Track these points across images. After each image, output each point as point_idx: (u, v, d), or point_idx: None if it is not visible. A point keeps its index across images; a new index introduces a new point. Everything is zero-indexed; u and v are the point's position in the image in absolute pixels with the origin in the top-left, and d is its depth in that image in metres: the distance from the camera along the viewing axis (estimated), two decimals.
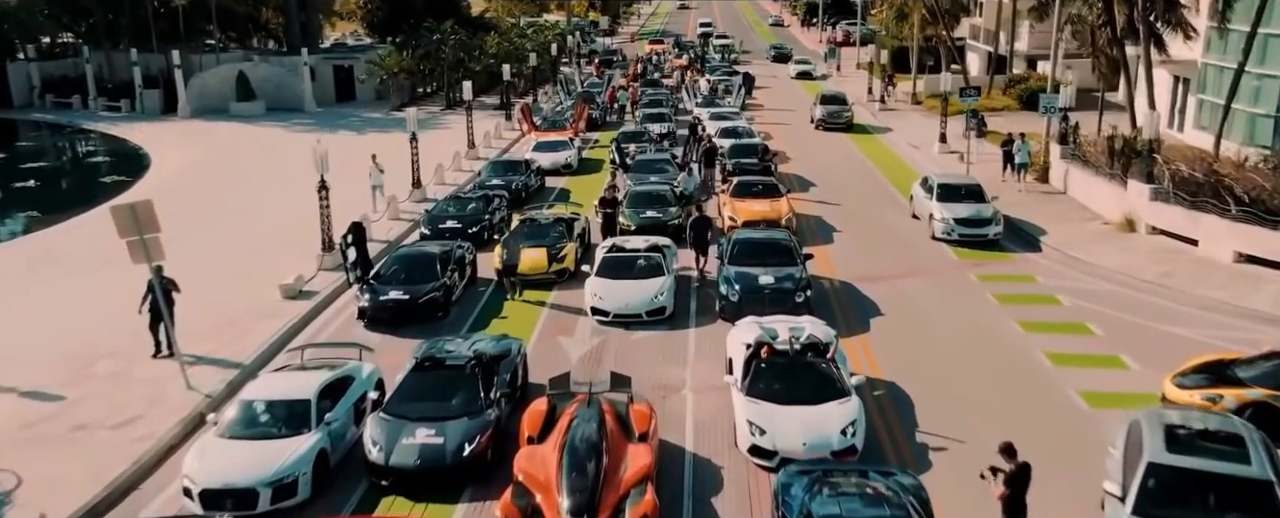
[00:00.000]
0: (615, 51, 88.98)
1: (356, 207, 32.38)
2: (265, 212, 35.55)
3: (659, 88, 64.11)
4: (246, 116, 59.42)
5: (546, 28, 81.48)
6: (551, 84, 72.24)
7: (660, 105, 54.84)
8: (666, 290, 23.68)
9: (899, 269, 27.13)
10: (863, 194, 36.53)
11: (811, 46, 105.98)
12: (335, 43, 76.57)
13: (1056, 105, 36.64)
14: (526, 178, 36.96)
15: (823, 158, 43.94)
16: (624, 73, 73.72)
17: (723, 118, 49.50)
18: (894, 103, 60.11)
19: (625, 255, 25.15)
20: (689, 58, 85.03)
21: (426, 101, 66.10)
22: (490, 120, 54.85)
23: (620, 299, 23.41)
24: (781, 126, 52.82)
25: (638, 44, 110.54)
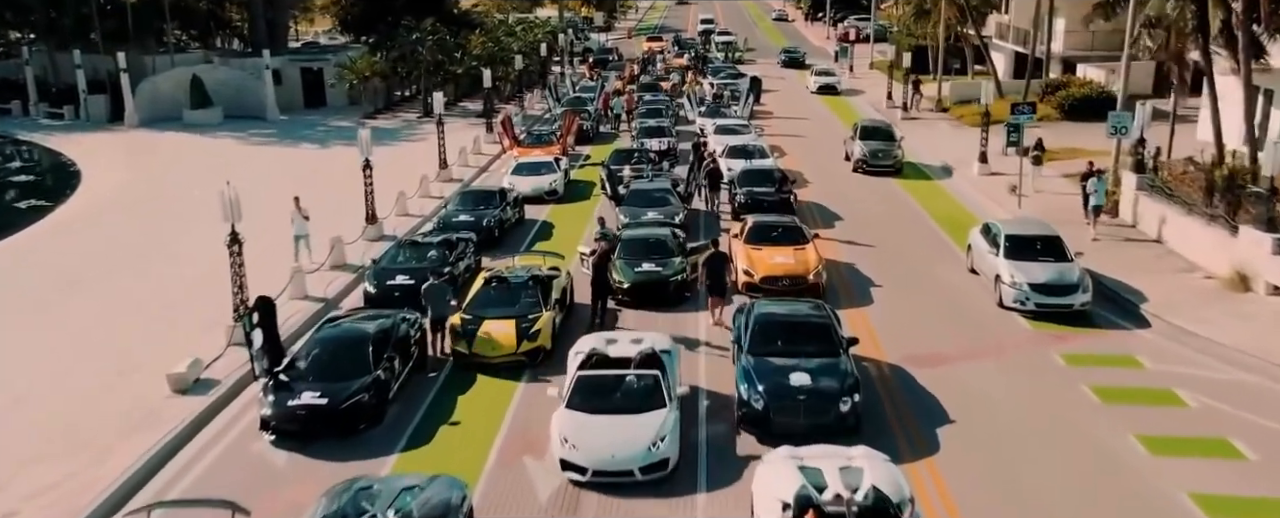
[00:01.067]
0: (610, 50, 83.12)
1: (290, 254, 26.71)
2: (188, 251, 29.70)
3: (657, 93, 58.33)
4: (201, 126, 53.59)
5: (536, 25, 75.73)
6: (541, 87, 66.35)
7: (659, 115, 49.04)
8: (669, 433, 16.22)
9: (960, 346, 21.39)
10: (900, 233, 30.73)
11: (817, 43, 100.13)
12: (306, 42, 70.78)
13: (1130, 125, 30.88)
14: (501, 211, 31.11)
15: (846, 182, 38.18)
16: (619, 75, 67.85)
17: (729, 131, 43.72)
18: (919, 110, 54.28)
19: (607, 376, 17.57)
20: (690, 57, 79.23)
21: (404, 107, 60.31)
22: (470, 132, 49.06)
23: (601, 448, 15.94)
24: (795, 139, 47.13)
25: (635, 40, 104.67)
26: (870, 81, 69.63)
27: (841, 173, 39.70)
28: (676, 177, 34.25)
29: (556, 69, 78.00)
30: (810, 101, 60.17)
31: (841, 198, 35.27)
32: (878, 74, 73.66)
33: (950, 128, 49.85)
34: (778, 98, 60.39)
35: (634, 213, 29.99)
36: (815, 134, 49.10)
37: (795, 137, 48.20)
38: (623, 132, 51.10)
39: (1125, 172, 30.27)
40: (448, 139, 44.64)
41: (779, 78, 70.44)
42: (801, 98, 62.18)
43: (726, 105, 51.79)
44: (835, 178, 38.83)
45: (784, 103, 59.39)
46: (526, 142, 43.13)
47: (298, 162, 45.08)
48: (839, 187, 37.28)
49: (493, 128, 46.32)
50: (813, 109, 57.39)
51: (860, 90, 64.80)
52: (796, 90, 65.04)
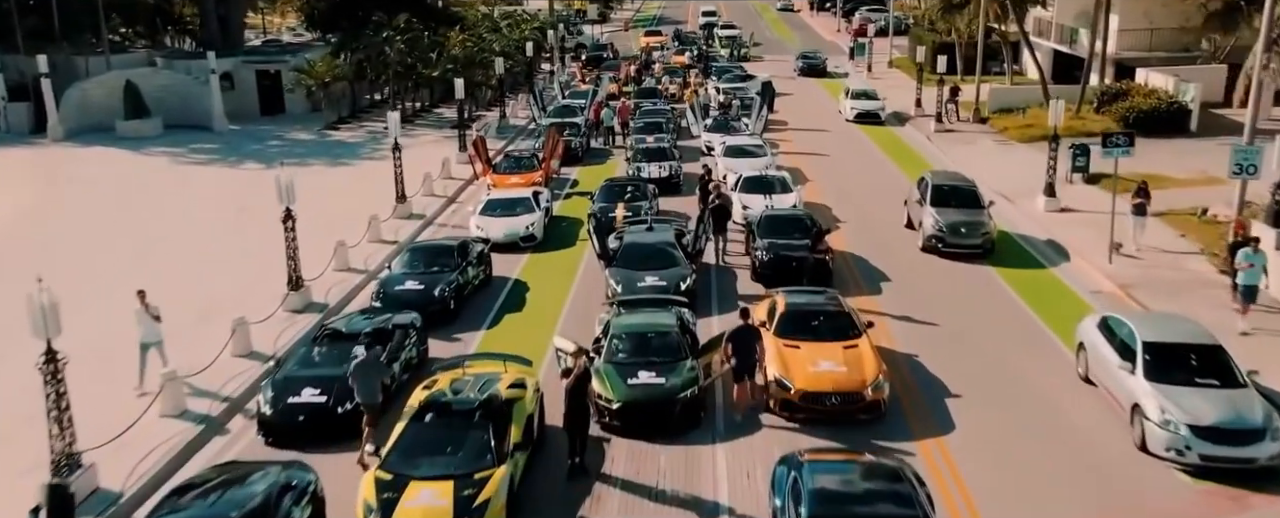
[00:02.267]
0: (605, 47, 76.33)
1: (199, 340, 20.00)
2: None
3: (656, 101, 51.62)
4: (136, 139, 46.95)
5: (523, 21, 69.03)
6: (526, 91, 59.65)
7: (659, 130, 42.39)
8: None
9: (1089, 515, 14.89)
10: (967, 304, 23.97)
11: (828, 36, 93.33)
12: (267, 40, 64.10)
13: (1258, 161, 24.28)
14: (460, 272, 24.46)
15: (876, 220, 31.68)
16: (615, 77, 61.12)
17: (742, 152, 37.15)
18: (956, 121, 47.65)
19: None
20: (692, 55, 72.46)
21: (374, 114, 53.60)
22: (441, 150, 42.47)
23: None
24: (818, 160, 40.56)
25: (632, 33, 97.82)
26: (892, 83, 62.94)
27: (870, 207, 33.18)
28: (681, 225, 27.57)
29: (547, 67, 71.41)
30: (835, 115, 53.55)
31: (871, 238, 28.81)
32: (900, 74, 67.04)
33: (994, 144, 43.20)
34: (788, 101, 53.71)
35: (628, 279, 23.47)
36: (841, 151, 42.48)
37: (817, 155, 41.61)
38: (616, 148, 44.50)
39: (1261, 225, 23.60)
40: (416, 159, 38.56)
41: (797, 90, 61.91)
42: (825, 113, 55.50)
43: (736, 118, 45.12)
44: (861, 213, 32.30)
45: (798, 107, 52.73)
46: (503, 166, 36.50)
47: (234, 186, 38.49)
48: (866, 222, 30.77)
49: (466, 146, 39.62)
50: (836, 121, 50.78)
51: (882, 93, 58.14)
52: (820, 106, 57.88)
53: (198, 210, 34.88)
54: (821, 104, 55.16)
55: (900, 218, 30.85)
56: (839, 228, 30.39)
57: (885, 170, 39.13)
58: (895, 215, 31.65)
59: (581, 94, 53.95)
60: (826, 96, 57.99)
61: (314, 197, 35.50)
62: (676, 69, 64.84)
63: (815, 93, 59.89)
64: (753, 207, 29.96)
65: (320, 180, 38.70)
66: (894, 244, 28.79)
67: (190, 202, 36.29)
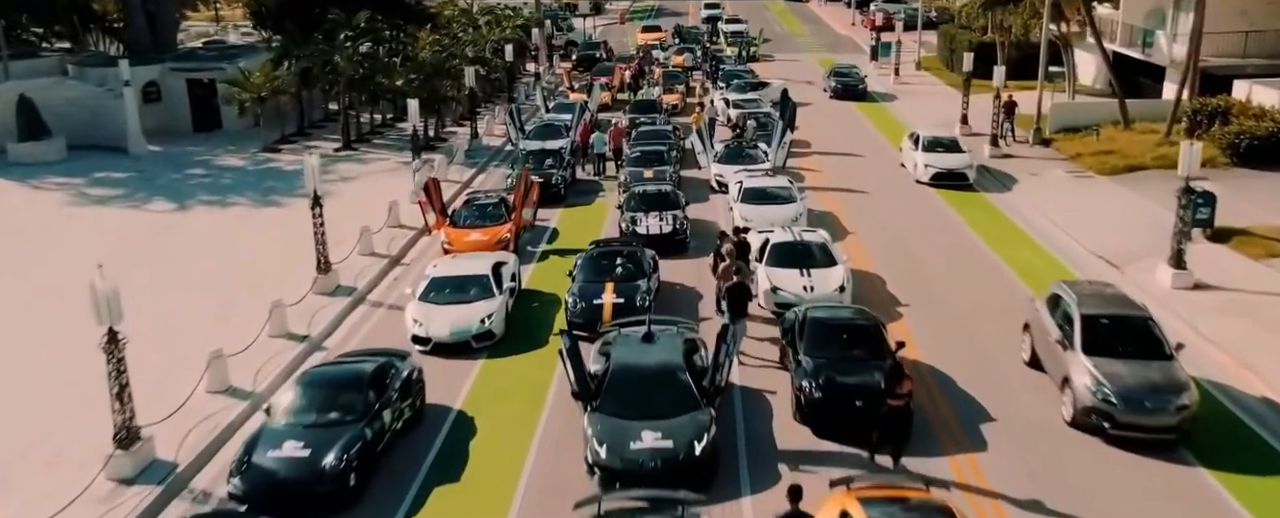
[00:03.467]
0: (598, 45, 68.22)
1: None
2: None
3: (655, 119, 43.70)
4: (30, 165, 39.13)
5: (505, 18, 60.96)
6: (507, 100, 51.78)
7: (660, 162, 34.53)
8: None
9: None
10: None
11: (841, 30, 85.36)
12: (208, 41, 56.08)
13: None
14: (371, 424, 16.38)
15: (951, 305, 23.96)
16: (607, 84, 53.10)
17: (764, 197, 29.47)
18: (1011, 143, 39.78)
19: None
20: (695, 56, 64.44)
21: (327, 130, 45.70)
22: (397, 184, 34.70)
23: None
24: (852, 199, 32.79)
25: (628, 26, 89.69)
26: (924, 90, 55.11)
27: (952, 281, 25.47)
28: (692, 331, 19.71)
29: (533, 67, 63.39)
30: (866, 133, 45.68)
31: (974, 360, 20.99)
32: (931, 78, 59.17)
33: (1067, 177, 35.33)
34: (815, 121, 45.82)
35: (615, 437, 15.76)
36: (882, 185, 34.62)
37: (853, 193, 33.80)
38: (607, 178, 36.68)
39: None
40: (362, 196, 31.26)
41: (825, 104, 51.71)
42: (858, 133, 47.72)
43: (751, 142, 37.23)
44: (943, 293, 24.56)
45: (825, 126, 44.91)
46: (463, 217, 28.68)
47: (124, 234, 30.70)
48: (960, 325, 22.98)
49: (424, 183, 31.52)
50: (868, 139, 42.97)
51: (898, 99, 50.15)
52: (853, 126, 49.92)
53: (49, 272, 27.04)
54: (855, 125, 46.72)
55: (986, 304, 23.15)
56: (899, 317, 22.64)
57: (945, 219, 31.21)
58: (976, 296, 23.92)
59: (568, 107, 46.04)
60: (865, 124, 46.99)
61: (215, 258, 28.02)
62: (677, 72, 56.83)
63: (851, 117, 48.92)
64: (785, 289, 22.26)
65: (234, 230, 30.96)
66: (991, 355, 20.78)
67: (48, 258, 28.43)
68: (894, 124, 45.62)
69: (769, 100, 49.84)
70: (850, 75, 55.06)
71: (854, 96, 52.89)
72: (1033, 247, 28.04)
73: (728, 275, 21.01)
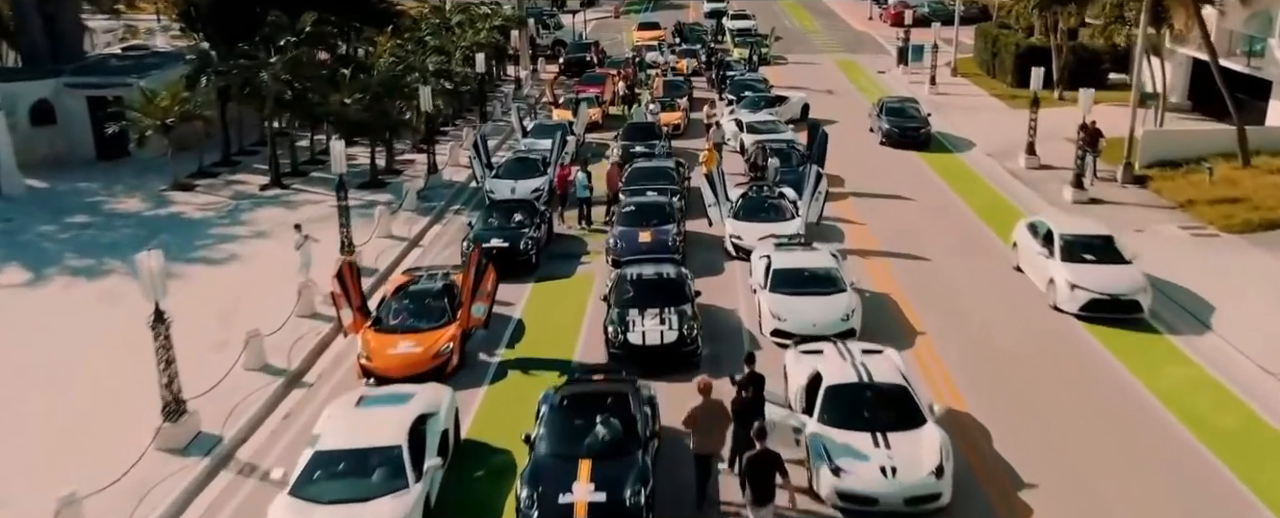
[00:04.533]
0: (589, 46, 60.13)
1: None
2: None
3: (654, 147, 35.87)
4: None
5: (482, 17, 52.85)
6: (478, 119, 43.96)
7: (660, 219, 26.61)
8: None
9: None
10: None
11: (859, 27, 77.40)
12: (128, 46, 47.91)
13: None
14: None
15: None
16: (598, 98, 45.08)
17: (801, 281, 21.66)
18: (1094, 182, 31.89)
19: None
20: (701, 61, 56.46)
21: (260, 159, 37.69)
22: (329, 242, 26.83)
23: None
24: (911, 269, 24.95)
25: (624, 21, 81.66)
26: (967, 102, 47.14)
27: (1099, 452, 17.71)
28: None
29: (516, 71, 55.62)
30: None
31: None
32: (971, 87, 51.23)
33: (1186, 237, 27.36)
34: (846, 139, 37.89)
35: None
36: (944, 246, 26.82)
37: (912, 260, 26.00)
38: (593, 230, 28.92)
39: None
40: (275, 264, 23.70)
41: (883, 172, 35.33)
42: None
43: (774, 186, 29.35)
44: (1095, 482, 16.80)
45: (861, 161, 37.03)
46: (391, 314, 20.85)
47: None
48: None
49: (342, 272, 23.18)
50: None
51: (946, 124, 42.25)
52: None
53: None
54: (926, 193, 32.67)
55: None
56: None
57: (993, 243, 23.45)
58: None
59: (550, 129, 38.27)
60: (938, 188, 33.33)
61: (36, 383, 20.10)
62: (679, 81, 48.84)
63: (914, 175, 35.01)
64: (851, 474, 14.59)
65: (87, 325, 23.02)
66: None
67: None
68: (983, 191, 33.21)
69: (787, 118, 42.27)
70: (910, 116, 40.07)
71: (915, 144, 38.73)
72: (1185, 363, 20.12)
73: (749, 442, 13.66)
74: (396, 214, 30.46)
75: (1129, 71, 49.06)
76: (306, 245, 23.43)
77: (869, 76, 56.15)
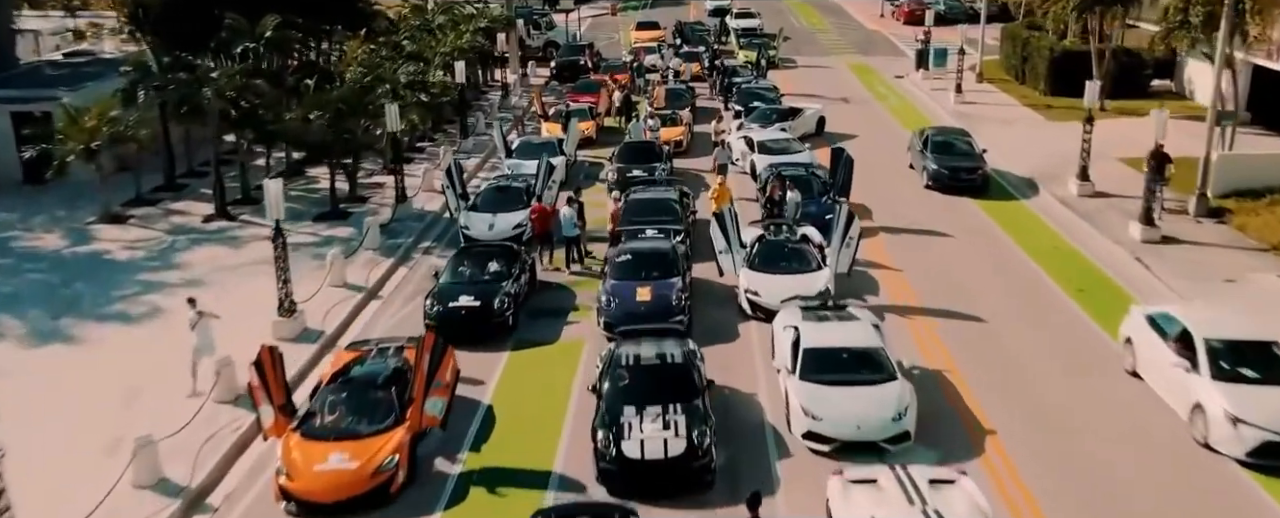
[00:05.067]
0: (584, 49, 55.63)
1: None
2: None
3: (654, 170, 31.52)
4: None
5: (466, 19, 48.28)
6: (458, 135, 39.57)
7: (661, 268, 22.20)
8: None
9: None
10: None
11: (870, 25, 72.91)
12: (69, 53, 43.36)
13: None
14: None
15: None
16: (592, 109, 40.60)
17: (838, 366, 17.36)
18: (1162, 215, 27.43)
19: None
20: (703, 64, 51.99)
21: (202, 185, 33.18)
22: (269, 294, 22.55)
23: None
24: (968, 337, 20.61)
25: (621, 21, 77.13)
26: (999, 113, 42.63)
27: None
28: None
29: (504, 75, 51.18)
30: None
31: None
32: (1000, 94, 46.77)
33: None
34: (870, 163, 33.41)
35: None
36: (1008, 311, 22.52)
37: (964, 322, 21.66)
38: (579, 271, 24.61)
39: None
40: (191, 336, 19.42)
41: (926, 217, 29.43)
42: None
43: (792, 226, 25.01)
44: None
45: (897, 197, 32.67)
46: (323, 411, 16.49)
47: None
48: None
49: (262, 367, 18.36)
50: (958, 209, 30.69)
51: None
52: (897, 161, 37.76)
53: None
54: (996, 265, 25.24)
55: None
56: None
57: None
58: None
59: (537, 148, 34.03)
60: (1012, 254, 26.22)
61: None
62: (682, 89, 44.35)
63: (976, 233, 28.02)
64: None
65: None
66: None
67: None
68: (1034, 227, 28.10)
69: (801, 132, 37.93)
70: (962, 152, 31.97)
71: (970, 189, 30.99)
72: None
73: None
74: (354, 256, 26.13)
75: (1173, 78, 44.94)
76: (204, 323, 19.04)
77: (886, 82, 51.75)
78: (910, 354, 19.53)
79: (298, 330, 21.38)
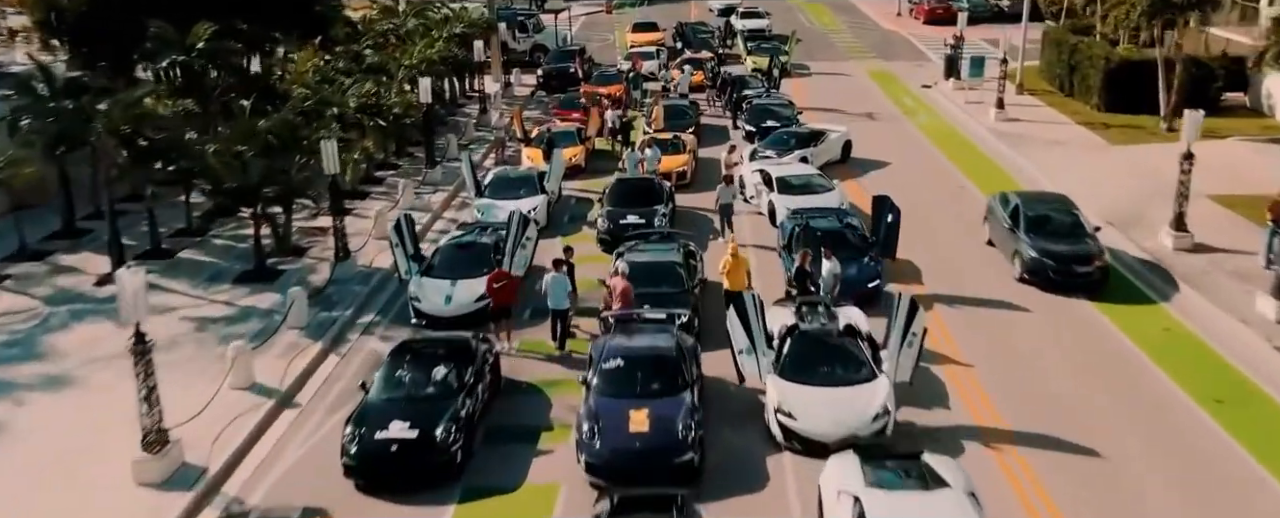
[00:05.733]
0: (575, 54, 49.65)
1: None
2: None
3: (653, 215, 25.84)
4: None
5: (439, 23, 42.38)
6: (427, 164, 33.82)
7: (664, 377, 16.45)
8: None
9: None
10: None
11: (886, 24, 67.15)
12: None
13: None
14: None
15: None
16: (581, 132, 34.83)
17: None
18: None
19: None
20: (708, 75, 46.15)
21: (129, 222, 27.29)
22: (168, 394, 16.84)
23: None
24: (1109, 490, 14.96)
25: (616, 18, 71.38)
26: (1049, 133, 36.88)
27: None
28: None
29: (482, 85, 45.57)
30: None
31: None
32: (1045, 109, 41.06)
33: None
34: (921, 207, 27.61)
35: None
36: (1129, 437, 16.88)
37: (1091, 467, 16.01)
38: (570, 353, 19.04)
39: None
40: (63, 442, 14.41)
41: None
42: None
43: (830, 306, 19.30)
44: None
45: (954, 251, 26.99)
46: None
47: None
48: None
49: None
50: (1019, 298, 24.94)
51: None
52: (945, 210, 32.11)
53: None
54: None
55: None
56: None
57: None
58: None
59: (515, 183, 28.58)
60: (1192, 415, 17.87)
61: None
62: (685, 106, 38.58)
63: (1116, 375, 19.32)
64: None
65: None
66: None
67: None
68: (1204, 359, 19.47)
69: (825, 159, 32.38)
70: (1071, 234, 23.02)
71: (1084, 287, 22.23)
72: None
73: None
74: (272, 339, 20.52)
75: (1248, 91, 39.34)
76: None
77: (912, 93, 46.14)
78: (1005, 501, 13.95)
79: (169, 471, 15.76)
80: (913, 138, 37.85)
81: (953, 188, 31.30)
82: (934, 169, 33.45)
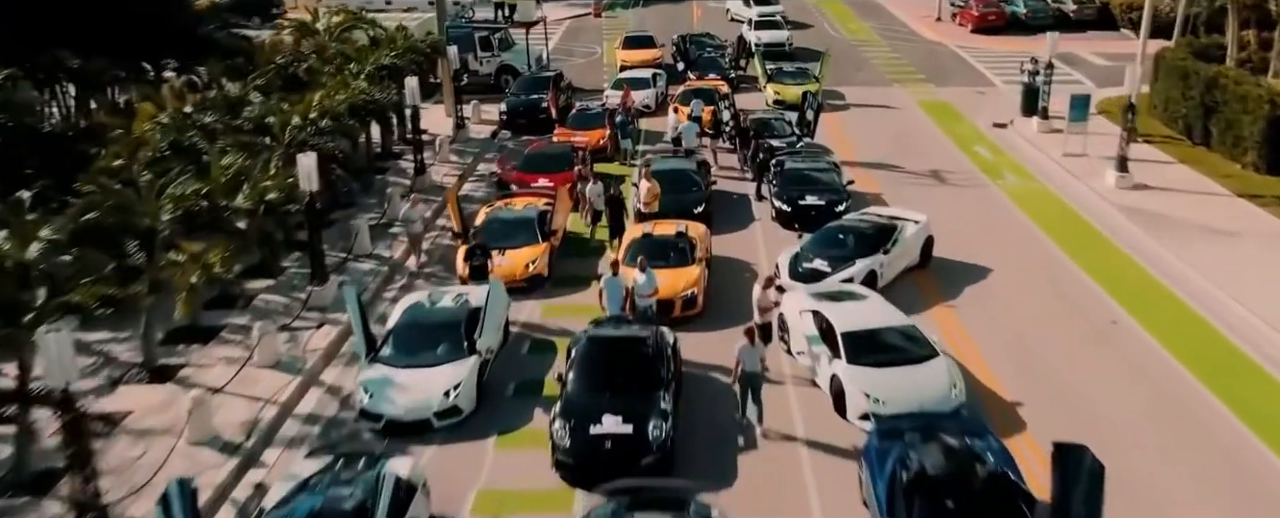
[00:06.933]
0: (550, 80, 38.41)
1: None
2: None
3: (646, 410, 15.22)
4: None
5: (366, 51, 31.65)
6: (312, 278, 23.02)
7: None
8: None
9: None
10: None
11: (928, 33, 56.20)
12: None
13: None
14: None
15: None
16: (547, 213, 24.11)
17: None
18: None
19: None
20: (722, 118, 34.72)
21: None
22: None
23: None
24: None
25: (605, 23, 60.48)
26: (1203, 214, 26.12)
27: None
28: None
29: (419, 140, 35.28)
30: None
31: None
32: (1181, 169, 30.15)
33: None
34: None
35: None
36: None
37: None
38: None
39: None
40: None
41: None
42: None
43: None
44: None
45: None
46: None
47: None
48: None
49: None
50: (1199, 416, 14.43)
51: None
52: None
53: None
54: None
55: None
56: None
57: None
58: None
59: (431, 331, 18.38)
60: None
61: None
62: (690, 173, 27.68)
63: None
64: None
65: None
66: None
67: None
68: None
69: (904, 267, 21.93)
70: None
71: None
72: None
73: None
74: None
75: None
76: None
77: (982, 135, 35.66)
78: None
79: None
80: (1007, 216, 27.30)
81: (1101, 322, 20.72)
82: (1056, 279, 22.90)
